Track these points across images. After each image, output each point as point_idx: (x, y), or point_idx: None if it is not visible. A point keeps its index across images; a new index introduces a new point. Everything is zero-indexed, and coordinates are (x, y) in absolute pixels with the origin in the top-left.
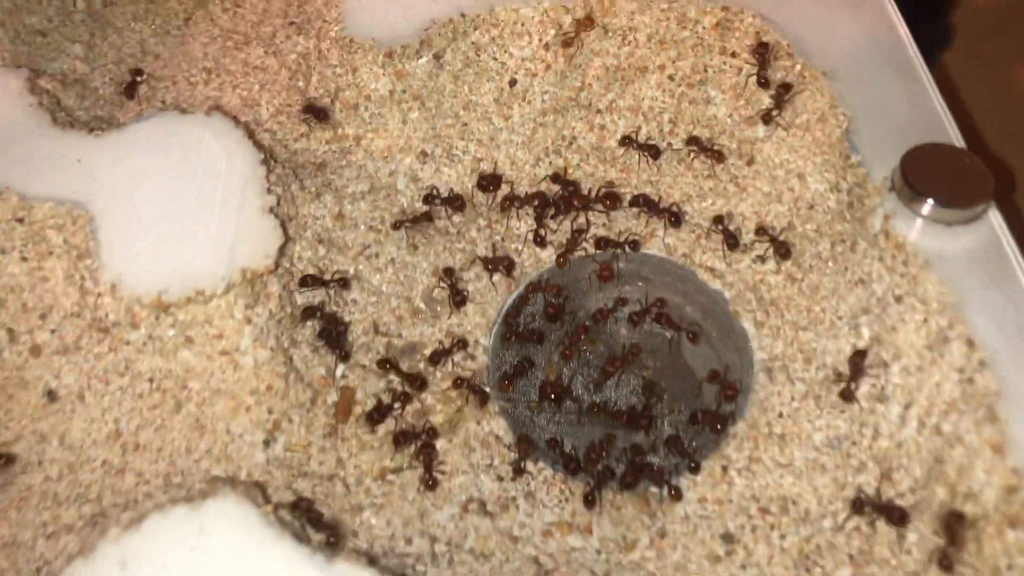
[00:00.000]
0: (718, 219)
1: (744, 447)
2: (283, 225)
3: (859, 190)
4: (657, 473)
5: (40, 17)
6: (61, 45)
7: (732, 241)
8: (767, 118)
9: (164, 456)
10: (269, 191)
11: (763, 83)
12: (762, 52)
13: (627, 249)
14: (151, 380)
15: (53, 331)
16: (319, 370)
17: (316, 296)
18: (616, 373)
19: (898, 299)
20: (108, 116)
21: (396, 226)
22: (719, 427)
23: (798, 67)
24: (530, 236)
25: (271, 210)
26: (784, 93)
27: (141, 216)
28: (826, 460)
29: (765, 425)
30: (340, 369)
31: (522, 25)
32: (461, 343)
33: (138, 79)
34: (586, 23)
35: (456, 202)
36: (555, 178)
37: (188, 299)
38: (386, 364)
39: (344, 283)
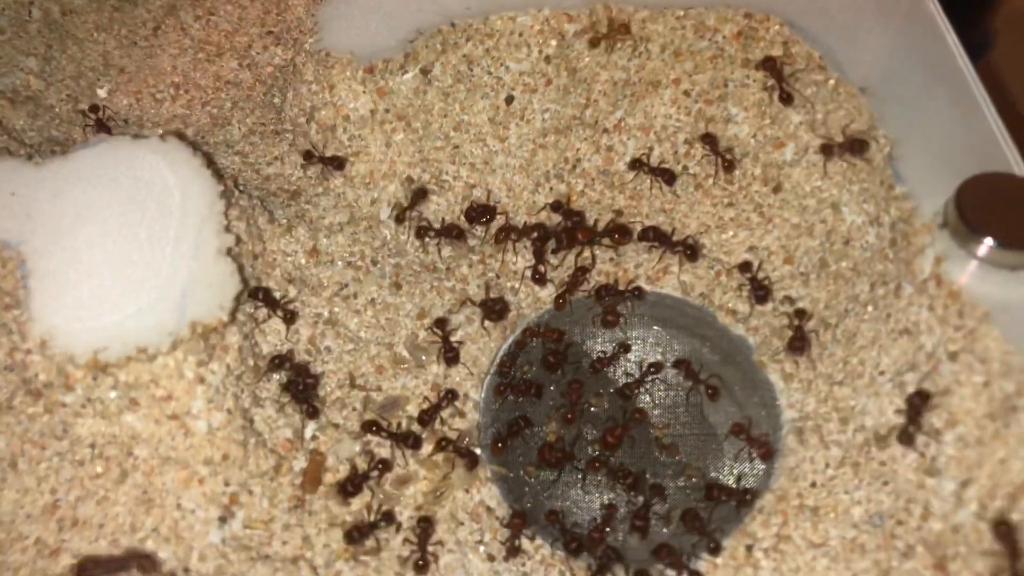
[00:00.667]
0: (745, 266)
1: (771, 523)
2: (240, 271)
3: (904, 226)
4: (672, 554)
5: None
6: (13, 59)
7: (761, 293)
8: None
9: (105, 534)
10: (228, 229)
11: (785, 98)
12: (771, 67)
13: (631, 299)
14: (92, 446)
15: None
16: (284, 432)
17: (284, 344)
18: (617, 444)
19: (952, 356)
20: (64, 136)
21: (420, 233)
22: (742, 502)
23: (831, 82)
24: (528, 272)
25: (228, 252)
26: (854, 149)
27: (81, 260)
28: (866, 540)
29: (795, 496)
30: (309, 429)
31: (520, 35)
32: (450, 395)
33: (97, 115)
34: (622, 29)
35: (453, 231)
36: (556, 207)
37: (129, 358)
38: (372, 427)
39: (292, 315)
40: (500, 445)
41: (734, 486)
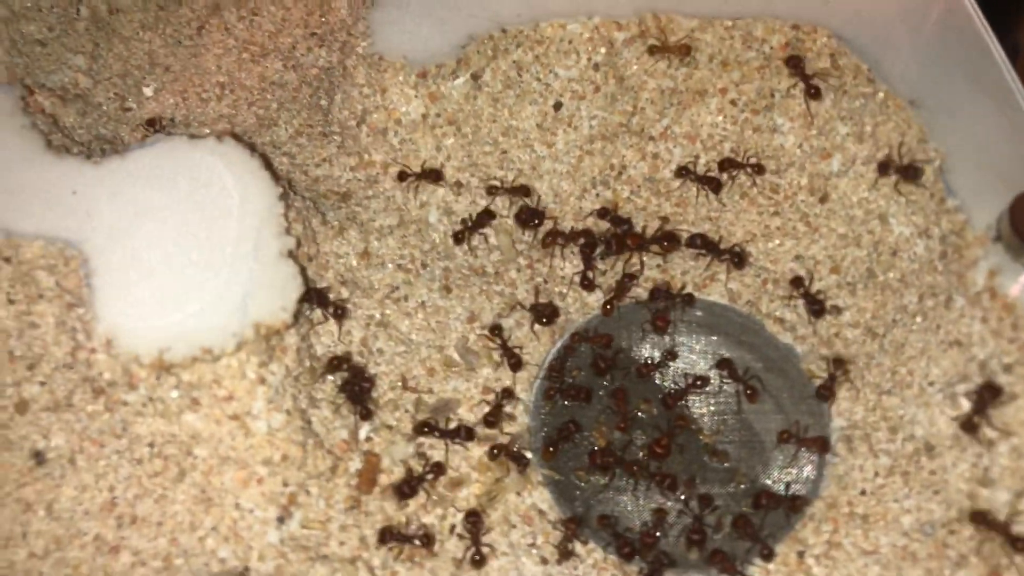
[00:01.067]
0: (797, 281)
1: (822, 530)
2: (303, 272)
3: (956, 239)
4: (725, 560)
5: (40, 25)
6: (62, 56)
7: (817, 307)
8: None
9: (164, 532)
10: (288, 231)
11: (813, 94)
12: (795, 64)
13: (682, 304)
14: (151, 445)
15: (43, 384)
16: (340, 433)
17: (338, 346)
18: (667, 454)
19: (1007, 368)
20: (112, 135)
21: (491, 191)
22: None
23: (880, 95)
24: (576, 278)
25: (290, 254)
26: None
27: (141, 260)
28: (918, 548)
29: (846, 504)
30: (364, 431)
31: (569, 42)
32: (507, 393)
33: (154, 128)
34: (684, 49)
35: (521, 191)
36: (603, 213)
37: (194, 359)
38: (424, 428)
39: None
40: (552, 450)
41: (783, 493)
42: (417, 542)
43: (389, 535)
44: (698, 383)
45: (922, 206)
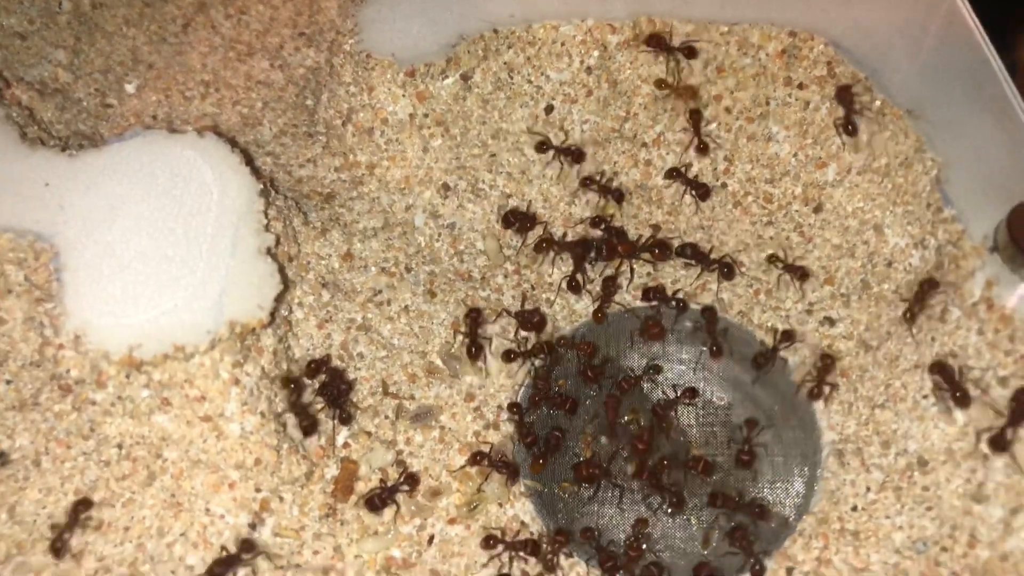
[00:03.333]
0: (935, 368)
1: (812, 546)
2: (282, 271)
3: (952, 249)
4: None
5: (20, 18)
6: (42, 50)
7: (961, 395)
8: None
9: (131, 537)
10: (267, 228)
11: (849, 130)
12: (845, 96)
13: (676, 309)
14: (120, 446)
15: (8, 382)
16: (317, 438)
17: (317, 349)
18: (648, 453)
19: (1002, 381)
20: (91, 131)
21: (541, 148)
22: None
23: (877, 103)
24: (563, 283)
25: (268, 251)
26: None
27: (115, 254)
28: (909, 566)
29: (836, 520)
30: (341, 436)
31: (562, 45)
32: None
33: None
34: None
35: (575, 154)
36: (597, 222)
37: (166, 356)
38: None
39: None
40: (541, 462)
41: (742, 500)
42: (404, 486)
43: (378, 500)
44: (689, 393)
45: (918, 216)
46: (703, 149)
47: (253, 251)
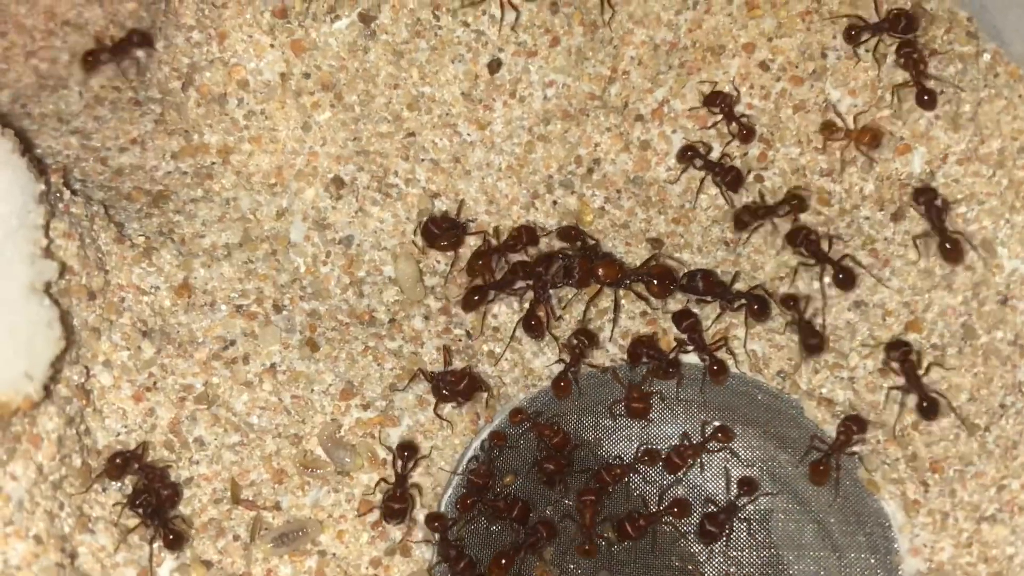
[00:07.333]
0: (896, 346)
1: None
2: (63, 318)
3: None
4: None
5: None
6: None
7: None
8: None
9: None
10: (47, 252)
11: (925, 100)
12: (907, 51)
13: (673, 372)
14: None
15: None
16: (126, 572)
17: (131, 434)
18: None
19: None
20: None
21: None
22: None
23: (986, 57)
24: (519, 323)
25: (46, 288)
26: None
27: None
28: None
29: None
30: (165, 568)
31: None
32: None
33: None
34: (873, 137)
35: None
36: (566, 234)
37: None
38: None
39: None
40: None
41: None
42: None
43: None
44: (720, 433)
45: None
46: (747, 134)
47: (22, 289)
